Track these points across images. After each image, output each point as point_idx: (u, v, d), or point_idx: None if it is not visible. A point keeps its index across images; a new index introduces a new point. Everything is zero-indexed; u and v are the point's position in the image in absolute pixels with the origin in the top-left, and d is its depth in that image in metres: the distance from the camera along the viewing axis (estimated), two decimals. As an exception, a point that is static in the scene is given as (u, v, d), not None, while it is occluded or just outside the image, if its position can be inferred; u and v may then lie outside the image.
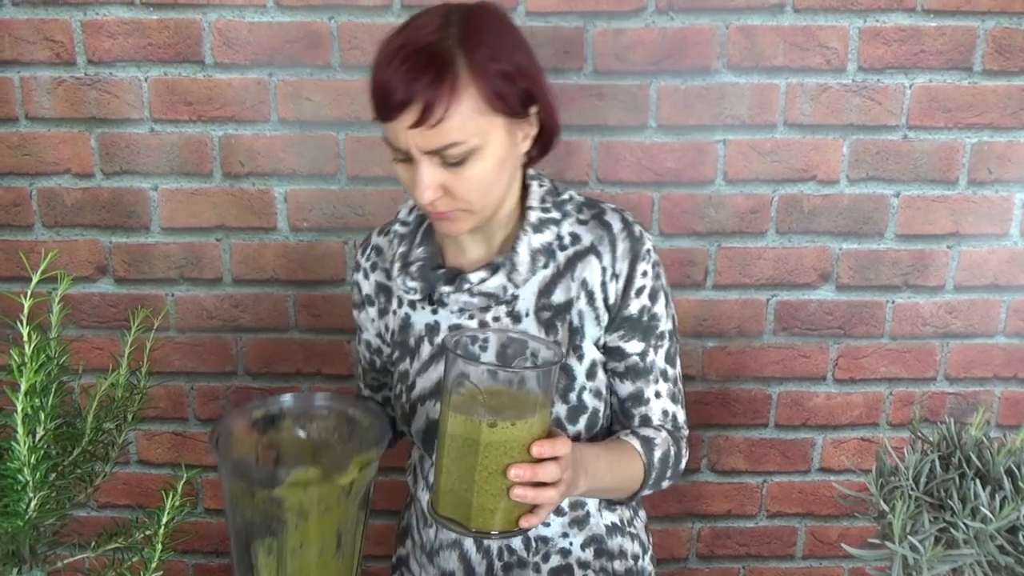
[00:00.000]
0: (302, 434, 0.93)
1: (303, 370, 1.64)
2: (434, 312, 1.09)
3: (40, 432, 0.71)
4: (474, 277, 1.04)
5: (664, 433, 1.10)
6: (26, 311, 0.71)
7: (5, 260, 1.58)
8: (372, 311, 1.17)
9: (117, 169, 1.54)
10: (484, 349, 0.96)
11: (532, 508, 0.88)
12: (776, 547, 1.75)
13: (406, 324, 1.12)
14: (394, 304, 1.14)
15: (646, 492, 1.09)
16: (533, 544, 1.11)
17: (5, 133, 1.53)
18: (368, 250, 1.17)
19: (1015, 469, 0.81)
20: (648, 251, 1.06)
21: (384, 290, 1.15)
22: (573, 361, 1.05)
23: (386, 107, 0.90)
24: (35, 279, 0.71)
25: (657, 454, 1.06)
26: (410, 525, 1.25)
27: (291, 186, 1.55)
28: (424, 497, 1.16)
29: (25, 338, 0.70)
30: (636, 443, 1.06)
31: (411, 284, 1.08)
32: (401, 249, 1.10)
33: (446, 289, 1.06)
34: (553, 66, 1.49)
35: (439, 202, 0.95)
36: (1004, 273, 1.61)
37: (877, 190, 1.57)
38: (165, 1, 1.47)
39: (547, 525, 1.11)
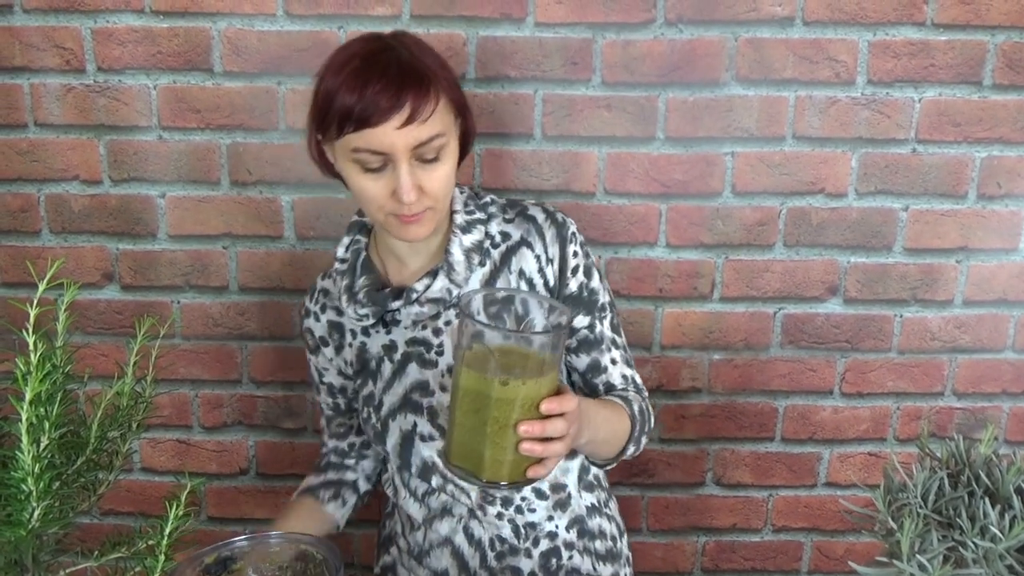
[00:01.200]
0: None
1: (307, 378, 1.64)
2: (388, 332, 1.17)
3: (44, 441, 0.71)
4: (419, 286, 1.12)
5: (631, 392, 1.20)
6: (32, 319, 0.71)
7: (12, 266, 1.59)
8: (328, 351, 1.24)
9: (125, 176, 1.55)
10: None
11: (540, 460, 0.92)
12: (782, 562, 1.74)
13: (363, 351, 1.20)
14: (348, 338, 1.21)
15: (630, 449, 1.16)
16: (523, 531, 1.17)
17: (14, 139, 1.53)
18: (315, 295, 1.25)
19: (1025, 488, 0.81)
20: (574, 233, 1.16)
21: (336, 327, 1.22)
22: None
23: (374, 114, 0.97)
24: (41, 288, 0.71)
25: (635, 407, 1.16)
26: (394, 532, 1.29)
27: (298, 194, 1.55)
28: (407, 505, 1.21)
29: (31, 347, 0.70)
30: (617, 400, 1.15)
31: (362, 311, 1.15)
32: (345, 282, 1.18)
33: (396, 304, 1.13)
34: (561, 77, 1.49)
35: (415, 203, 1.03)
36: (1013, 288, 1.60)
37: (886, 204, 1.56)
38: (175, 9, 1.47)
39: (533, 511, 1.17)
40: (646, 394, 1.23)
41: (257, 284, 1.60)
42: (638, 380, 1.23)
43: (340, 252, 1.21)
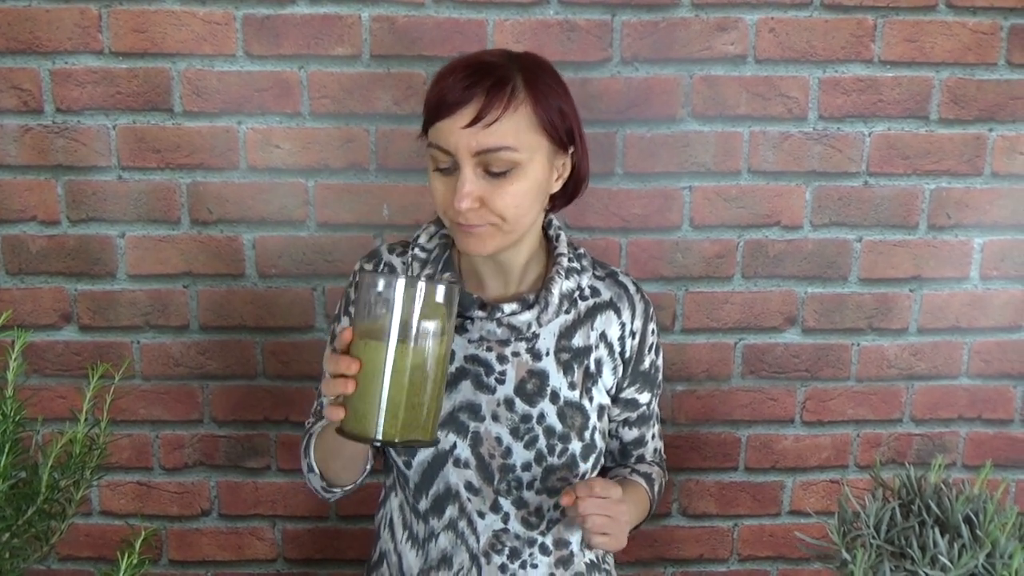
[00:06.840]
0: None
1: (271, 417, 1.62)
2: None
3: (-8, 493, 0.70)
4: (507, 308, 1.08)
5: (656, 467, 1.23)
6: (-19, 369, 0.70)
7: (-33, 308, 1.56)
8: None
9: (84, 216, 1.54)
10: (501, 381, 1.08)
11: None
12: (748, 591, 1.74)
13: None
14: None
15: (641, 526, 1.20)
16: None
17: (-30, 181, 1.52)
18: (380, 266, 1.16)
19: (973, 517, 0.82)
20: (654, 312, 1.18)
21: None
22: (586, 402, 1.11)
23: (443, 105, 0.95)
24: (-10, 337, 0.71)
25: (655, 488, 1.20)
26: None
27: (260, 233, 1.55)
28: (404, 551, 1.14)
29: (-21, 397, 0.69)
30: (643, 482, 1.18)
31: None
32: (427, 271, 1.12)
33: (479, 314, 1.08)
34: (521, 114, 1.51)
35: (472, 213, 0.98)
36: (965, 315, 1.64)
37: (840, 235, 1.59)
38: (134, 51, 1.47)
39: (536, 567, 1.12)
40: (665, 466, 1.27)
41: (218, 323, 1.59)
42: (662, 450, 1.27)
43: (423, 240, 1.14)
